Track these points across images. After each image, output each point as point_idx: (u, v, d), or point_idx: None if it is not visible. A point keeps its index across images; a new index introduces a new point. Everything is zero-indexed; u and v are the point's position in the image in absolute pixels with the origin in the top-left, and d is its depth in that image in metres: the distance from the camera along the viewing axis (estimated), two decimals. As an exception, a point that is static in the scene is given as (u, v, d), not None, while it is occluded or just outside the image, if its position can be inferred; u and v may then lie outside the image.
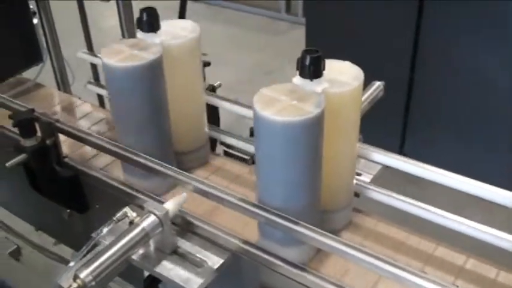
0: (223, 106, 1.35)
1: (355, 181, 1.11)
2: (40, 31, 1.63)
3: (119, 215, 1.03)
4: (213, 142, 1.43)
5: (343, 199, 1.10)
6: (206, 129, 1.28)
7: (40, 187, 1.28)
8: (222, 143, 1.36)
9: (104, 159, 1.31)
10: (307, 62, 0.92)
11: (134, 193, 1.18)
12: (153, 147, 1.15)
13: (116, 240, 0.97)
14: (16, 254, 2.26)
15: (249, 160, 1.31)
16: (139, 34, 1.12)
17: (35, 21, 1.62)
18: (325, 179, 1.01)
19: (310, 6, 3.17)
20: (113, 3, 1.84)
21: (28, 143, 1.20)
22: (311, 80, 0.93)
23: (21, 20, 1.57)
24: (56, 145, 1.24)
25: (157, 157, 1.11)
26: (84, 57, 1.51)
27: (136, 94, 1.09)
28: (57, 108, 1.57)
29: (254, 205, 0.98)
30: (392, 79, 2.83)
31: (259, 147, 0.95)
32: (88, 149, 1.32)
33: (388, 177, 1.17)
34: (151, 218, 1.00)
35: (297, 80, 0.95)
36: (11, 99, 1.33)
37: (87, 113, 1.53)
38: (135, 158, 1.13)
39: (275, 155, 0.92)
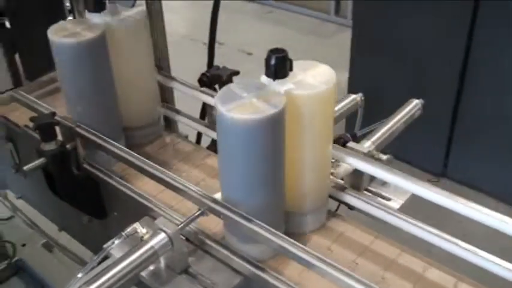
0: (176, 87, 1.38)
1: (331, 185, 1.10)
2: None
3: (128, 230, 0.99)
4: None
5: (311, 202, 1.08)
6: (158, 107, 1.38)
7: (59, 191, 1.25)
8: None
9: (123, 165, 1.27)
10: (272, 61, 0.91)
11: (150, 205, 1.14)
12: (99, 120, 1.22)
13: (124, 256, 0.94)
14: (49, 246, 2.29)
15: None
16: (87, 14, 1.21)
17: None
18: (291, 180, 1.01)
19: (359, 8, 3.06)
20: None
21: (48, 147, 1.17)
22: (274, 79, 0.92)
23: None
24: (76, 150, 1.21)
25: (104, 130, 1.20)
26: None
27: (77, 69, 1.17)
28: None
29: (212, 199, 0.99)
30: (439, 87, 2.73)
31: (220, 141, 0.95)
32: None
33: (418, 206, 1.10)
34: (161, 236, 0.96)
35: (263, 78, 0.94)
36: (35, 100, 1.32)
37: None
38: (150, 169, 1.09)
39: (232, 150, 0.93)
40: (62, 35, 1.15)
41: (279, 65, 0.92)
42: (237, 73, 1.32)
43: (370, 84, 3.02)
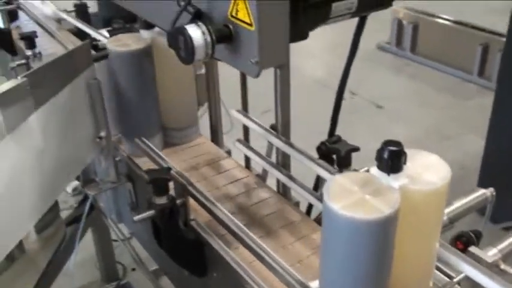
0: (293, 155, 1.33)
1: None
2: (203, 80, 1.65)
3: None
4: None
5: None
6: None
7: (164, 244, 1.26)
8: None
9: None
10: (386, 155, 0.86)
11: (245, 277, 1.10)
12: (141, 120, 1.53)
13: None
14: (157, 275, 2.35)
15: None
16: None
17: (202, 71, 1.65)
18: (396, 278, 0.92)
19: (507, 72, 2.84)
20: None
21: (158, 200, 1.19)
22: (388, 174, 0.86)
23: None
24: (186, 207, 1.22)
25: (145, 130, 1.50)
26: (236, 115, 1.49)
27: (127, 75, 1.46)
28: (203, 158, 1.57)
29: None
30: None
31: (325, 234, 0.88)
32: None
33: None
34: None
35: (375, 171, 0.88)
36: (155, 150, 1.36)
37: (228, 169, 1.51)
38: (248, 241, 1.06)
39: (338, 247, 0.87)
40: (116, 44, 1.44)
41: (393, 159, 0.86)
42: (356, 149, 1.26)
43: (509, 159, 2.79)
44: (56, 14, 2.39)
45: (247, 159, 1.54)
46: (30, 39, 1.76)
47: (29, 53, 1.78)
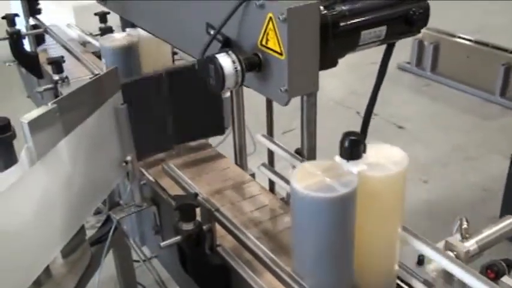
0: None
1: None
2: (229, 104, 1.66)
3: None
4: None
5: (379, 283, 1.11)
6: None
7: (189, 269, 1.26)
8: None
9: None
10: (346, 143, 1.00)
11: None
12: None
13: None
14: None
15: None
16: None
17: (227, 94, 1.66)
18: (359, 260, 1.05)
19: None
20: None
21: (185, 226, 1.19)
22: (348, 160, 1.00)
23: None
24: (212, 232, 1.22)
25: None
26: (262, 140, 1.50)
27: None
28: (227, 183, 1.57)
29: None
30: None
31: (293, 215, 1.03)
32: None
33: None
34: None
35: (337, 159, 1.02)
36: (182, 176, 1.36)
37: (253, 196, 1.51)
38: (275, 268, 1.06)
39: (303, 224, 1.01)
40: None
41: (352, 147, 1.00)
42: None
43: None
44: (82, 38, 2.44)
45: (272, 182, 1.54)
46: (58, 64, 1.78)
47: (56, 77, 1.80)
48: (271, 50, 1.00)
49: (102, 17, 2.24)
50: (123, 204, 1.61)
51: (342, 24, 1.06)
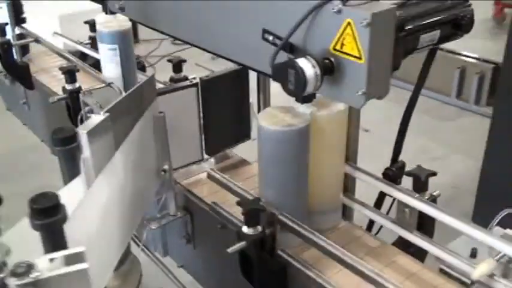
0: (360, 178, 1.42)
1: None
2: (255, 109, 1.67)
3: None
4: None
5: (328, 205, 1.40)
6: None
7: (255, 275, 1.26)
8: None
9: (313, 253, 1.27)
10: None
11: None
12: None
13: None
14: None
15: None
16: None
17: (252, 100, 1.67)
18: (312, 185, 1.33)
19: (504, 96, 2.97)
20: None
21: (250, 231, 1.20)
22: (302, 103, 1.21)
23: (240, 99, 1.63)
24: (274, 236, 1.23)
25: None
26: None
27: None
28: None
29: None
30: None
31: (259, 148, 1.29)
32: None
33: None
34: None
35: (294, 103, 1.23)
36: (231, 180, 1.37)
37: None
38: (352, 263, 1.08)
39: (268, 156, 1.28)
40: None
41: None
42: (434, 174, 1.31)
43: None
44: (72, 47, 2.38)
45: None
46: (71, 73, 1.74)
47: (70, 87, 1.75)
48: (347, 54, 1.03)
49: (93, 26, 2.20)
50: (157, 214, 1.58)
51: (406, 27, 1.10)
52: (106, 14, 1.73)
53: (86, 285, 0.75)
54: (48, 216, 0.85)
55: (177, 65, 1.93)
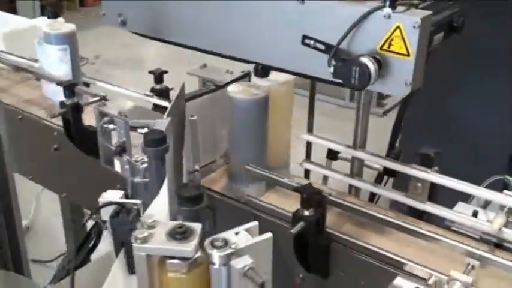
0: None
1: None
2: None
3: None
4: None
5: (281, 160, 1.78)
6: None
7: (310, 258, 1.41)
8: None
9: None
10: (259, 68, 1.62)
11: (403, 260, 1.33)
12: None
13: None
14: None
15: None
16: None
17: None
18: (270, 146, 1.67)
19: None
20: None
21: (307, 212, 1.35)
22: (261, 78, 1.62)
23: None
24: (323, 216, 1.39)
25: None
26: (305, 137, 1.72)
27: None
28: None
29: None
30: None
31: (232, 116, 1.61)
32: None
33: None
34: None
35: (254, 79, 1.66)
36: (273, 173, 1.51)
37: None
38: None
39: (238, 122, 1.60)
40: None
41: (263, 69, 1.62)
42: (439, 153, 1.56)
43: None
44: (24, 64, 2.33)
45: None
46: (70, 87, 1.74)
47: (69, 101, 1.75)
48: (395, 52, 1.25)
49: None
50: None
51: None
52: (48, 18, 2.06)
53: (269, 253, 0.87)
54: (195, 204, 0.96)
55: (159, 76, 2.02)
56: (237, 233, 0.86)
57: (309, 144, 2.00)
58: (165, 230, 0.82)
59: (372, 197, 1.78)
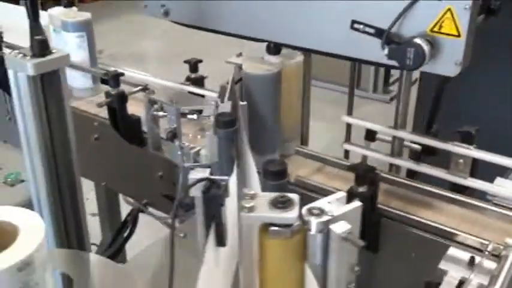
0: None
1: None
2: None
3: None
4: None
5: (293, 133, 1.87)
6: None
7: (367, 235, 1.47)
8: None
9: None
10: (271, 45, 1.69)
11: (455, 231, 1.40)
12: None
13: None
14: None
15: None
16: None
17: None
18: (282, 119, 1.75)
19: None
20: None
21: (361, 189, 1.42)
22: (274, 55, 1.68)
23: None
24: (376, 192, 1.46)
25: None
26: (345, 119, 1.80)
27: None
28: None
29: None
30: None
31: (246, 92, 1.66)
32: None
33: None
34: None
35: (267, 56, 1.70)
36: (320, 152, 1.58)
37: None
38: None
39: (253, 97, 1.65)
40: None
41: (275, 47, 1.68)
42: (478, 129, 1.64)
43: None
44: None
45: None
46: (115, 78, 1.79)
47: (114, 91, 1.80)
48: (445, 34, 1.31)
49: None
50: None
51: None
52: (64, 7, 2.16)
53: (358, 221, 0.94)
54: (281, 178, 1.03)
55: (194, 65, 2.08)
56: (329, 202, 0.92)
57: (348, 126, 2.04)
58: (267, 200, 0.88)
59: (411, 176, 1.85)
